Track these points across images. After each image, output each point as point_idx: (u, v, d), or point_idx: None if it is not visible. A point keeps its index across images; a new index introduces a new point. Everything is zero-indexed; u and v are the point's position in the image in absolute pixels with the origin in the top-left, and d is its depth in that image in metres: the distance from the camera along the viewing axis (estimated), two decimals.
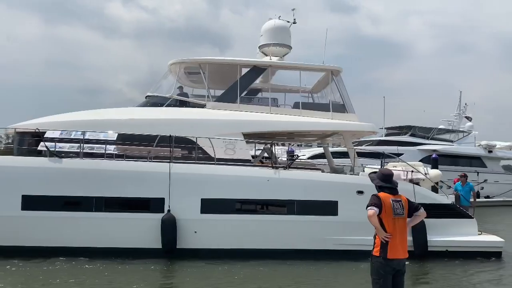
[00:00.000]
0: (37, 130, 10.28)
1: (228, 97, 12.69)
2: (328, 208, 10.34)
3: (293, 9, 15.46)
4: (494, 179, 34.87)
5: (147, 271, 8.92)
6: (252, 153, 13.27)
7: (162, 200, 9.88)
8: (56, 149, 10.15)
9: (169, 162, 10.21)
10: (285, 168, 10.92)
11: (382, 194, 4.88)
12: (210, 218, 10.03)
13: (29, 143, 10.66)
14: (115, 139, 10.54)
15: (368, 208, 4.76)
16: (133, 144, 10.72)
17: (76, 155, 10.28)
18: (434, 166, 19.49)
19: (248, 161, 11.53)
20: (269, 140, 13.47)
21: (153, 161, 10.33)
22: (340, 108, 13.23)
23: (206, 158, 10.92)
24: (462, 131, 40.51)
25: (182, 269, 9.25)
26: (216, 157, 10.76)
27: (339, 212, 10.36)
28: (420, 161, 19.56)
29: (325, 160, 17.01)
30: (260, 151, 14.07)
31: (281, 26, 14.35)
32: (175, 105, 12.50)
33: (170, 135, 10.46)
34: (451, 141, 38.24)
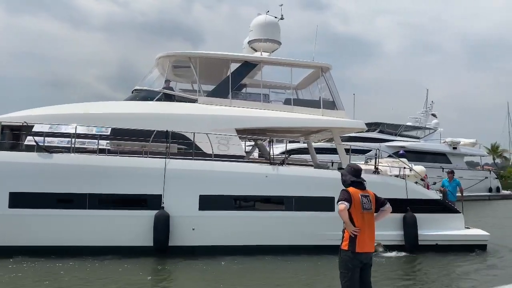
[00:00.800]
0: (25, 124, 9.76)
1: (219, 92, 12.52)
2: (325, 204, 10.43)
3: (280, 5, 15.45)
4: (458, 175, 36.36)
5: (136, 270, 8.63)
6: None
7: (158, 197, 9.63)
8: (45, 144, 9.68)
9: (165, 158, 9.97)
10: (280, 164, 10.91)
11: (351, 189, 4.95)
12: (209, 215, 9.88)
13: (13, 137, 10.10)
14: (108, 134, 10.15)
15: (339, 202, 4.83)
16: (127, 139, 10.38)
17: (67, 150, 9.84)
18: None
19: (242, 157, 11.46)
20: (259, 136, 13.50)
21: (149, 157, 10.04)
22: (330, 105, 13.34)
23: (200, 154, 10.75)
24: (429, 128, 42.12)
25: (175, 267, 9.08)
26: (210, 153, 10.62)
27: (336, 208, 10.45)
28: (388, 157, 20.11)
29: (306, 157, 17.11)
30: (251, 147, 14.05)
31: (271, 21, 14.29)
32: (165, 100, 12.21)
33: (167, 131, 10.21)
34: (418, 138, 39.66)
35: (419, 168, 13.31)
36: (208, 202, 9.88)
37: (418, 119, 44.08)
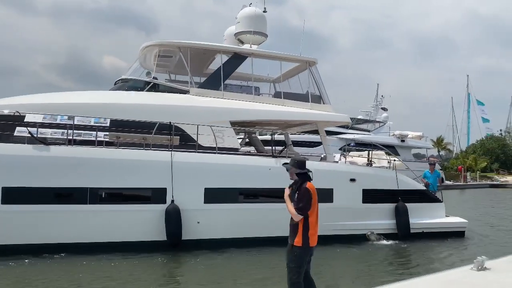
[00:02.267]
0: (16, 113, 9.05)
1: (211, 84, 12.35)
2: (325, 195, 10.70)
3: None
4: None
5: (150, 266, 8.41)
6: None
7: (167, 191, 9.39)
8: (38, 135, 9.06)
9: (170, 150, 9.72)
10: (277, 156, 11.03)
11: (312, 185, 4.82)
12: (213, 207, 9.79)
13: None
14: (108, 125, 9.69)
15: (297, 214, 4.65)
16: (125, 131, 9.95)
17: (63, 142, 9.28)
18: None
19: (237, 149, 11.42)
20: (248, 128, 13.49)
21: (154, 150, 9.72)
22: (317, 99, 13.64)
23: (199, 146, 10.58)
24: (379, 122, 44.23)
25: (187, 260, 8.93)
26: (206, 145, 10.49)
27: (334, 199, 10.82)
28: (339, 149, 21.02)
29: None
30: (241, 139, 13.97)
31: (259, 14, 14.25)
32: (155, 90, 11.83)
33: (170, 123, 9.93)
34: (368, 131, 41.56)
35: (397, 162, 14.09)
36: (213, 195, 9.78)
37: (369, 113, 46.17)
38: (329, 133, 35.07)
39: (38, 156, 8.74)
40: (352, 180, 11.03)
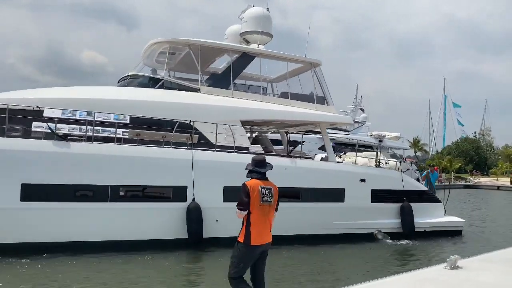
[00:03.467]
0: (36, 108, 8.84)
1: (221, 83, 12.40)
2: (337, 195, 11.00)
3: None
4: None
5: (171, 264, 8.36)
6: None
7: (185, 188, 9.41)
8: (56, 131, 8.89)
9: (191, 148, 9.73)
10: (292, 156, 11.22)
11: (252, 182, 4.79)
12: (232, 206, 9.84)
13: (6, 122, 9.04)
14: (128, 122, 9.59)
15: (238, 210, 4.70)
16: (143, 128, 9.88)
17: (82, 138, 9.14)
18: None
19: (247, 148, 11.53)
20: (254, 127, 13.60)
21: (174, 148, 9.70)
22: (321, 100, 13.91)
23: (207, 144, 10.62)
24: (357, 122, 45.12)
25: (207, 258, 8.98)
26: (217, 143, 10.54)
27: (346, 199, 11.11)
28: (319, 149, 21.37)
29: None
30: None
31: (265, 14, 14.37)
32: (166, 87, 11.77)
33: (190, 121, 9.94)
34: (347, 131, 42.38)
35: (392, 162, 14.60)
36: (232, 193, 9.84)
37: (348, 113, 46.98)
38: (309, 132, 35.76)
39: (58, 153, 8.57)
40: (362, 180, 11.36)
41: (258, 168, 4.89)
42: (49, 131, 8.78)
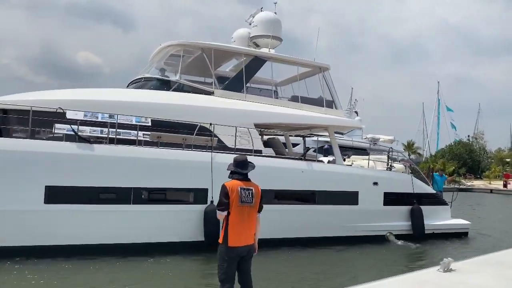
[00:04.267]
0: (59, 110, 8.86)
1: (234, 86, 12.51)
2: (351, 198, 11.19)
3: (275, 3, 15.85)
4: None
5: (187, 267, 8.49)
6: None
7: (207, 191, 9.50)
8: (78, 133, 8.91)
9: (211, 151, 9.83)
10: (308, 160, 11.41)
11: (231, 183, 4.75)
12: None
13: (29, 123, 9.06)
14: (149, 124, 9.65)
15: (217, 210, 4.73)
16: (163, 130, 9.96)
17: (101, 140, 9.19)
18: (326, 156, 21.90)
19: (260, 151, 11.66)
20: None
21: (195, 150, 9.79)
22: (330, 103, 14.12)
23: (224, 147, 10.74)
24: None
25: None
26: (230, 146, 10.66)
27: (360, 202, 11.30)
28: (314, 151, 21.61)
29: None
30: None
31: (276, 19, 14.56)
32: (182, 90, 11.85)
33: (211, 124, 10.04)
34: (342, 133, 42.76)
35: (399, 166, 14.87)
36: None
37: None
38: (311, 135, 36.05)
39: (83, 155, 8.60)
40: (375, 183, 11.57)
41: (240, 169, 4.84)
42: (72, 133, 8.79)
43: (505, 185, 41.42)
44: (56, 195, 8.35)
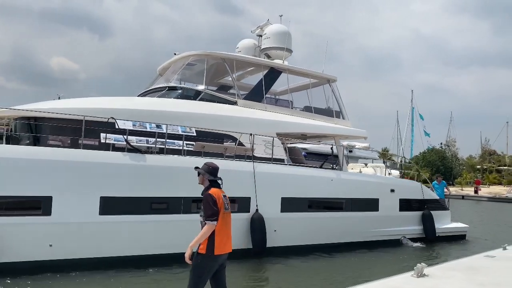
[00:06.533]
0: (111, 120, 8.81)
1: (255, 96, 12.85)
2: (373, 204, 11.87)
3: (280, 16, 16.40)
4: None
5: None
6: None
7: (251, 200, 9.78)
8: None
9: (252, 161, 10.12)
10: (335, 169, 12.00)
11: (215, 190, 4.63)
12: (289, 216, 10.37)
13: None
14: (194, 134, 9.79)
15: (210, 222, 4.43)
16: (204, 140, 10.14)
17: (152, 150, 9.24)
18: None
19: (283, 160, 12.07)
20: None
21: (237, 160, 10.04)
22: (338, 114, 14.83)
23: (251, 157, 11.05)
24: None
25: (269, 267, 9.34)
26: (258, 155, 11.00)
27: (380, 208, 12.01)
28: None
29: None
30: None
31: (287, 31, 15.07)
32: (208, 100, 12.01)
33: (251, 134, 10.34)
34: (319, 141, 43.93)
35: (395, 172, 15.91)
36: (288, 204, 10.36)
37: None
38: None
39: (136, 165, 8.61)
40: (392, 190, 12.34)
41: (214, 177, 4.77)
42: (122, 143, 8.78)
43: (476, 191, 43.04)
44: (111, 206, 8.30)
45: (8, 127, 10.13)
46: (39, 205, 7.79)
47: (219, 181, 4.78)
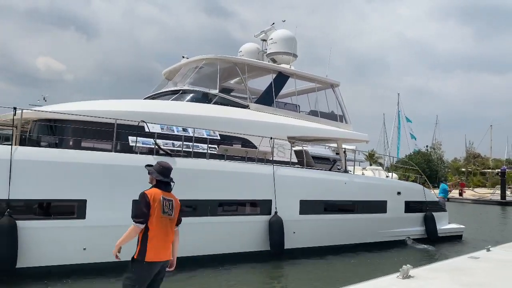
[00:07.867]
0: (142, 123, 8.89)
1: (265, 100, 13.10)
2: (382, 207, 12.34)
3: (283, 21, 16.74)
4: None
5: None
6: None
7: (271, 202, 10.03)
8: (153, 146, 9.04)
9: (272, 164, 10.37)
10: (348, 172, 12.40)
11: (153, 191, 4.26)
12: (307, 218, 10.67)
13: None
14: (218, 138, 9.96)
15: (135, 223, 4.12)
16: (226, 144, 10.34)
17: (179, 153, 9.38)
18: None
19: (294, 163, 12.38)
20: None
21: (258, 164, 10.27)
22: (341, 118, 15.27)
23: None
24: None
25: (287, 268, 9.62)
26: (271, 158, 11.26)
27: (388, 210, 12.48)
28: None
29: None
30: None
31: (293, 36, 15.40)
32: (221, 103, 12.18)
33: (271, 138, 10.58)
34: (323, 144, 44.46)
35: (395, 175, 16.49)
36: (306, 207, 10.67)
37: None
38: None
39: None
40: (399, 193, 12.85)
41: (164, 177, 4.36)
42: (152, 146, 8.89)
43: (460, 194, 43.91)
44: None
45: (24, 128, 10.02)
46: (73, 209, 7.80)
47: (172, 183, 4.41)
